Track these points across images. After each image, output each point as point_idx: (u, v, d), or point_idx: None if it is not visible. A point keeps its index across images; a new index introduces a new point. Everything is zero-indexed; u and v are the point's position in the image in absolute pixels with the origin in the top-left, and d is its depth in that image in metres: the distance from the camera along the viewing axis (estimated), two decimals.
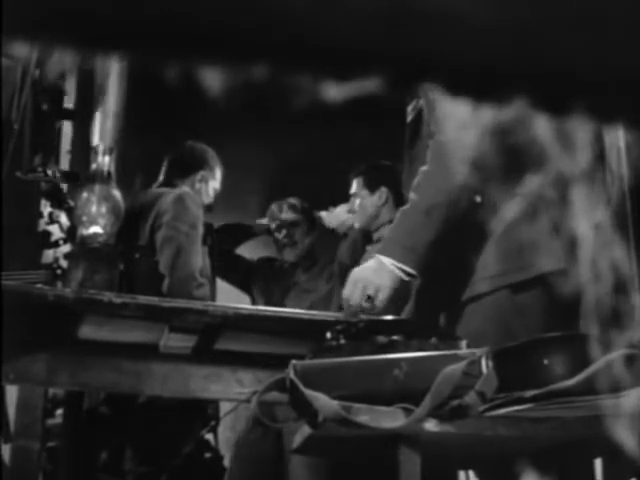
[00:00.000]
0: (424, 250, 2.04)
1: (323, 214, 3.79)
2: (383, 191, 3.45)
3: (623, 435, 1.42)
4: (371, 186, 3.49)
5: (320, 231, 3.79)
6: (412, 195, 2.11)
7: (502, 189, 2.11)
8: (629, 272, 1.92)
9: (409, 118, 2.40)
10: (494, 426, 1.56)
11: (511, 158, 2.09)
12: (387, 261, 2.05)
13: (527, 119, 1.85)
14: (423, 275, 2.09)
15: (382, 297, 2.03)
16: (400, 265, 2.03)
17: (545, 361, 1.61)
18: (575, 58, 0.55)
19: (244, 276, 3.80)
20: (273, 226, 3.76)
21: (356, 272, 2.11)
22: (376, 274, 2.05)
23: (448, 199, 2.04)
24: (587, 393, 1.55)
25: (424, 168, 2.14)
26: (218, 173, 3.46)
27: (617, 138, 2.27)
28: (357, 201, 3.51)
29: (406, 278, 2.05)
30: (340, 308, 3.48)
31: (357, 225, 3.51)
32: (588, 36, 0.54)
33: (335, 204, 3.77)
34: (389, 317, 1.99)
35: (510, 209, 2.03)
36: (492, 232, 2.07)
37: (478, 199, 2.07)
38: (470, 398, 1.52)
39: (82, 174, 2.37)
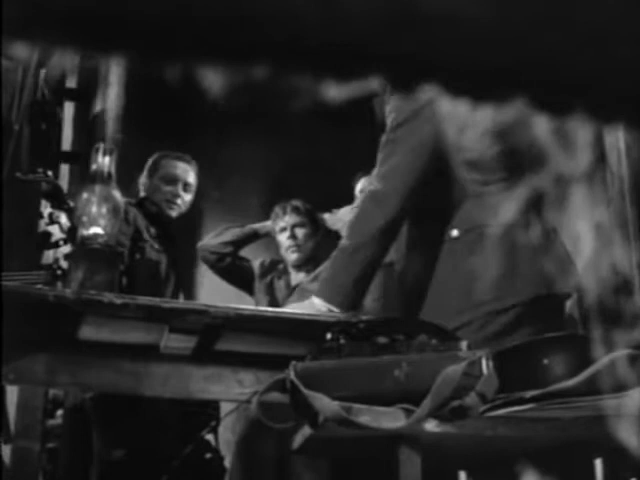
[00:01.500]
0: (349, 290, 2.18)
1: (326, 216, 3.79)
2: None
3: (624, 436, 1.42)
4: None
5: (323, 233, 3.78)
6: (342, 239, 2.28)
7: (501, 190, 2.11)
8: (629, 272, 1.92)
9: None
10: (494, 427, 1.56)
11: (510, 159, 2.10)
12: (317, 302, 2.19)
13: (527, 120, 1.85)
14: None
15: None
16: (327, 305, 2.16)
17: (545, 361, 1.61)
18: (575, 58, 0.55)
19: (247, 278, 3.80)
20: (276, 228, 3.76)
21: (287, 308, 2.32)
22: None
23: (370, 241, 2.18)
24: (587, 394, 1.55)
25: (354, 212, 2.35)
26: (167, 176, 3.56)
27: (617, 139, 2.27)
28: None
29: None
30: None
31: None
32: (588, 36, 0.54)
33: (338, 206, 3.77)
34: (389, 318, 1.99)
35: (503, 222, 2.06)
36: (476, 266, 2.12)
37: (455, 233, 2.14)
38: (470, 399, 1.52)
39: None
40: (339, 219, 3.73)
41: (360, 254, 2.17)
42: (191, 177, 3.60)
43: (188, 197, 3.59)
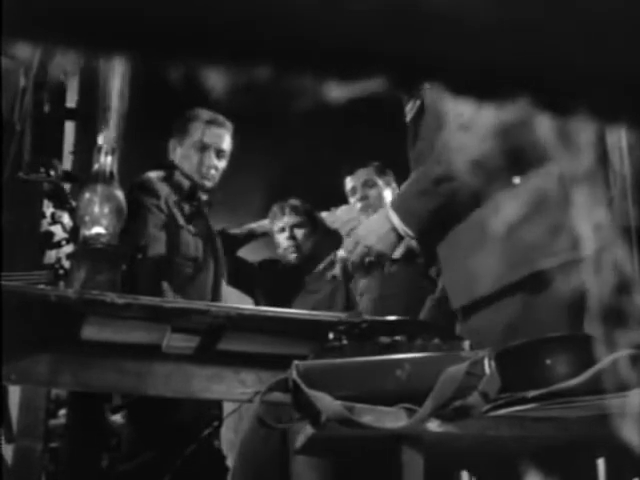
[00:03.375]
0: (425, 217, 2.10)
1: (325, 215, 3.79)
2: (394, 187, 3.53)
3: (629, 434, 1.42)
4: (388, 177, 3.55)
5: (322, 232, 3.78)
6: (429, 162, 2.14)
7: (504, 189, 2.11)
8: (632, 272, 1.92)
9: (409, 117, 2.40)
10: (497, 426, 1.56)
11: (513, 158, 2.09)
12: (395, 218, 2.12)
13: (529, 119, 1.85)
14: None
15: (381, 261, 2.18)
16: (402, 225, 2.11)
17: (548, 361, 1.61)
18: (577, 58, 0.55)
19: (247, 279, 3.80)
20: (275, 228, 3.75)
21: (362, 232, 2.20)
22: (381, 241, 2.15)
23: (459, 175, 2.03)
24: (590, 393, 1.55)
25: (444, 140, 2.13)
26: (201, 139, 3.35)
27: (619, 138, 2.27)
28: (372, 192, 3.53)
29: (405, 236, 2.14)
30: (346, 308, 3.49)
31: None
32: (590, 36, 0.54)
33: (336, 204, 3.77)
34: (391, 318, 1.99)
35: (512, 208, 2.03)
36: (494, 231, 2.07)
37: (517, 180, 2.06)
38: (473, 398, 1.52)
39: (84, 175, 2.38)
40: (338, 217, 3.73)
41: (444, 186, 2.06)
42: (225, 143, 3.38)
43: (222, 164, 3.37)
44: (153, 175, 3.26)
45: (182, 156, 3.34)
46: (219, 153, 3.37)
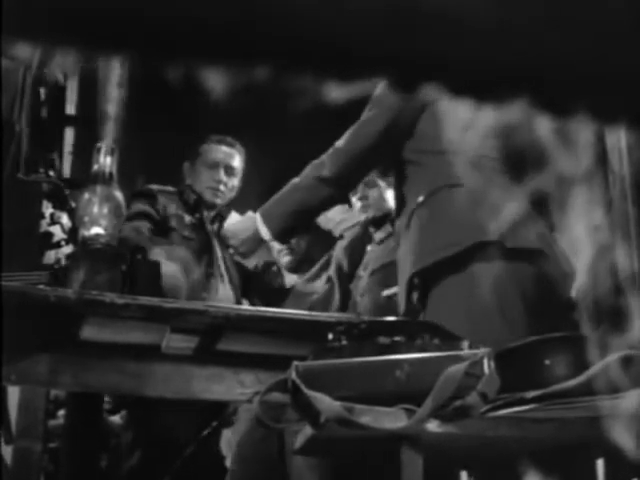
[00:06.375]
0: (284, 221, 2.47)
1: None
2: None
3: (623, 436, 1.42)
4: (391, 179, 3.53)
5: (315, 233, 3.77)
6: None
7: (503, 190, 2.11)
8: (630, 273, 1.92)
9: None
10: (496, 427, 1.56)
11: (511, 159, 2.10)
12: (258, 218, 2.48)
13: (528, 120, 1.85)
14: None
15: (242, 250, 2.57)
16: (262, 225, 2.47)
17: (547, 362, 1.61)
18: (577, 58, 0.55)
19: (242, 281, 3.79)
20: None
21: (229, 232, 2.65)
22: (244, 244, 2.55)
23: (309, 184, 2.45)
24: (589, 394, 1.55)
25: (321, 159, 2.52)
26: (210, 160, 3.47)
27: (619, 139, 2.27)
28: (373, 192, 3.52)
29: (266, 237, 2.49)
30: (341, 310, 3.49)
31: (370, 215, 3.49)
32: (590, 36, 0.54)
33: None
34: (391, 318, 1.99)
35: (509, 211, 2.05)
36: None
37: (420, 199, 2.23)
38: (472, 399, 1.52)
39: (83, 177, 2.38)
40: (330, 219, 3.72)
41: (299, 193, 2.45)
42: (235, 161, 3.48)
43: (233, 182, 3.47)
44: (155, 187, 3.35)
45: (194, 175, 3.45)
46: (228, 170, 3.46)
